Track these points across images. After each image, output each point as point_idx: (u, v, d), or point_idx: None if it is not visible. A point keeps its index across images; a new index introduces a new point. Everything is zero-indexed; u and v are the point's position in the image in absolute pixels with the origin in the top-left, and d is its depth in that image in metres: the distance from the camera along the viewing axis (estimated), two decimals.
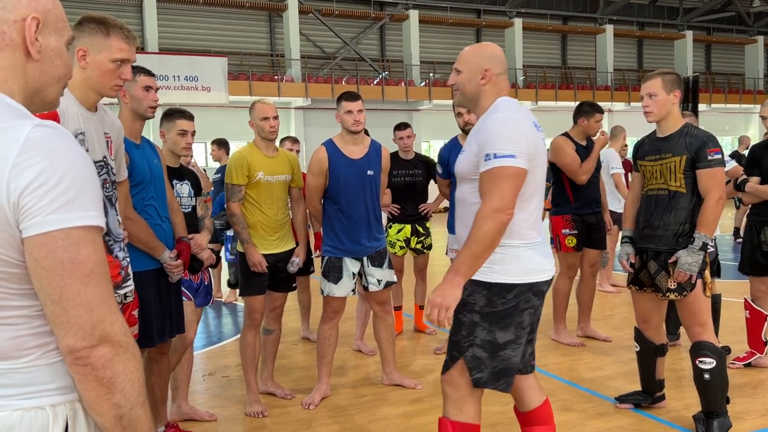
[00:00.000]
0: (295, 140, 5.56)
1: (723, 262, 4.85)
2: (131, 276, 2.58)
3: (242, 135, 3.80)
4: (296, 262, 3.83)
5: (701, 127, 3.38)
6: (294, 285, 4.00)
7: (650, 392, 3.65)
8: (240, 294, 3.85)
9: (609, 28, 27.44)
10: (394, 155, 5.06)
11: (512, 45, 26.11)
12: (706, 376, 3.22)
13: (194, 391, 4.14)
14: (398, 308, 5.43)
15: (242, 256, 3.71)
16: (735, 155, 10.13)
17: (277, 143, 4.19)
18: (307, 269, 4.71)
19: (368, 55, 24.88)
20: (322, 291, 3.89)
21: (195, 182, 3.60)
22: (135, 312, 2.64)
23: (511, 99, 2.39)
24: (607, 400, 3.80)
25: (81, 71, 2.32)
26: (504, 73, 2.42)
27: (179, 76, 19.18)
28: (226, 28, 23.08)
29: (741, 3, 28.37)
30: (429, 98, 23.20)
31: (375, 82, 23.42)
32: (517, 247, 2.29)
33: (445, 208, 5.01)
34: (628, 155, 7.13)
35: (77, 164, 1.04)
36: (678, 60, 28.88)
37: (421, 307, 5.55)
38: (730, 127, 26.87)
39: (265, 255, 3.69)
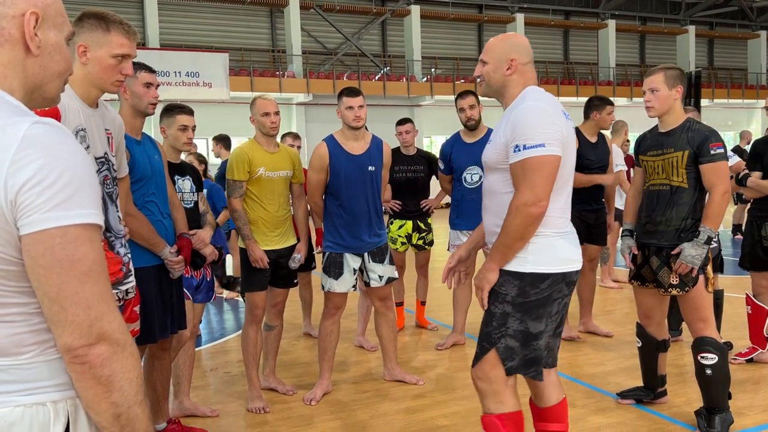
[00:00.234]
0: (296, 136, 5.55)
1: (724, 258, 4.83)
2: (132, 272, 2.58)
3: (243, 131, 3.80)
4: (297, 258, 3.83)
5: (704, 123, 3.37)
6: (295, 281, 4.00)
7: (652, 388, 3.65)
8: (241, 290, 3.86)
9: (611, 23, 27.37)
10: (396, 151, 5.05)
11: None
12: (708, 372, 3.22)
13: (196, 387, 4.15)
14: (400, 304, 5.43)
15: (243, 252, 3.71)
16: (737, 150, 10.10)
17: (278, 139, 4.18)
18: (309, 265, 4.71)
19: (370, 51, 24.84)
20: (323, 287, 3.89)
21: (196, 177, 3.60)
22: (136, 308, 2.64)
23: (539, 88, 2.36)
24: (609, 396, 3.80)
25: (82, 67, 2.31)
26: (530, 63, 2.39)
27: (180, 72, 19.17)
28: (228, 24, 23.04)
29: None
30: (431, 94, 23.16)
31: (376, 78, 23.37)
32: (551, 237, 2.28)
33: (447, 204, 5.00)
34: (630, 150, 7.12)
35: (75, 162, 1.03)
36: (680, 55, 28.80)
37: (423, 303, 5.56)
38: (733, 122, 26.80)
39: (267, 251, 3.69)
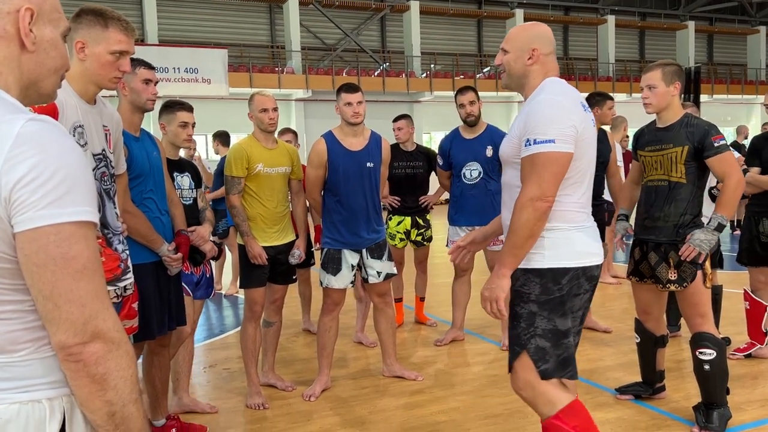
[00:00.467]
0: (294, 133, 5.53)
1: (723, 253, 4.83)
2: (131, 268, 2.58)
3: (243, 127, 3.80)
4: (297, 254, 3.83)
5: (702, 118, 3.37)
6: (294, 277, 4.00)
7: (650, 383, 3.66)
8: (240, 286, 3.86)
9: (611, 19, 27.33)
10: (395, 147, 5.04)
11: None
12: (706, 367, 3.22)
13: (195, 384, 4.16)
14: (399, 300, 5.44)
15: (242, 249, 3.71)
16: (734, 146, 10.10)
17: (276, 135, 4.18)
18: (308, 262, 4.71)
19: (369, 47, 24.80)
20: (321, 283, 3.89)
21: (195, 174, 3.60)
22: (135, 305, 2.64)
23: (558, 79, 2.31)
24: (607, 391, 3.81)
25: (80, 63, 2.31)
26: (552, 53, 2.34)
27: (179, 68, 19.14)
28: (227, 20, 23.00)
29: None
30: (430, 90, 23.13)
31: (376, 74, 23.35)
32: (567, 230, 2.24)
33: (446, 200, 5.00)
34: (629, 146, 7.12)
35: (70, 159, 1.03)
36: (680, 50, 28.76)
37: (422, 299, 5.56)
38: (732, 118, 26.78)
39: (265, 247, 3.69)
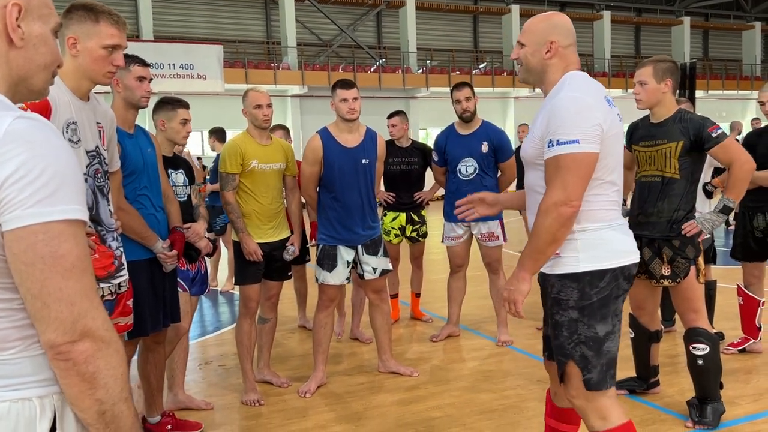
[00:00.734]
0: (286, 129, 5.51)
1: (716, 248, 4.85)
2: (125, 265, 2.58)
3: (238, 123, 3.81)
4: (292, 250, 3.83)
5: (697, 113, 3.38)
6: (289, 274, 4.00)
7: (645, 378, 3.67)
8: (235, 283, 3.86)
9: (606, 15, 27.32)
10: (390, 143, 5.04)
11: (509, 32, 25.98)
12: (700, 362, 3.24)
13: (191, 380, 4.16)
14: (395, 296, 5.44)
15: (237, 245, 3.71)
16: None
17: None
18: (303, 258, 4.71)
19: (365, 42, 24.76)
20: (317, 279, 3.89)
21: (189, 171, 3.59)
22: (129, 302, 2.63)
23: (579, 73, 2.20)
24: None
25: (72, 59, 2.30)
26: (572, 45, 2.21)
27: (174, 64, 19.08)
28: (222, 16, 22.92)
29: None
30: (426, 86, 23.11)
31: (372, 70, 23.32)
32: (600, 230, 2.13)
33: (442, 196, 5.00)
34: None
35: (59, 157, 1.02)
36: (675, 46, 28.79)
37: (418, 295, 5.57)
38: (728, 113, 26.84)
39: (260, 244, 3.69)
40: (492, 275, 4.82)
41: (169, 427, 3.30)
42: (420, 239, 5.33)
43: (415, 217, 5.27)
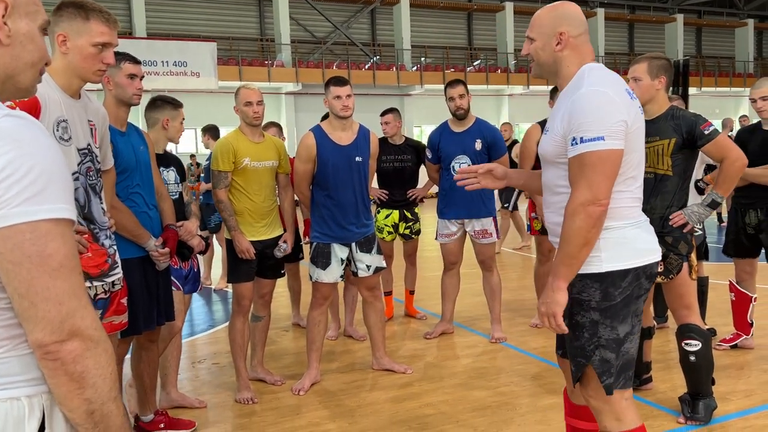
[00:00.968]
0: (279, 127, 5.51)
1: (709, 245, 4.87)
2: (119, 264, 2.57)
3: (232, 121, 3.80)
4: (284, 248, 3.82)
5: (690, 111, 3.39)
6: (282, 272, 4.00)
7: (637, 374, 3.68)
8: (228, 281, 3.85)
9: (600, 12, 27.37)
10: (383, 140, 5.04)
11: (503, 29, 26.01)
12: (692, 358, 3.25)
13: (184, 379, 4.15)
14: (388, 293, 5.44)
15: (230, 243, 3.70)
16: None
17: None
18: (297, 256, 4.70)
19: (359, 40, 24.74)
20: (311, 277, 3.89)
21: (180, 169, 3.58)
22: (124, 300, 2.62)
23: (597, 65, 2.10)
24: None
25: (62, 57, 2.29)
26: (584, 33, 2.11)
27: (168, 62, 19.02)
28: (215, 13, 22.85)
29: None
30: (420, 83, 23.11)
31: (366, 67, 23.29)
32: (623, 228, 2.06)
33: (436, 194, 5.00)
34: None
35: (46, 155, 1.01)
36: (669, 43, 28.87)
37: (412, 293, 5.57)
38: (721, 110, 26.95)
39: (253, 242, 3.68)
40: (485, 272, 4.83)
41: (162, 426, 3.29)
42: (413, 236, 5.33)
43: (409, 215, 5.27)
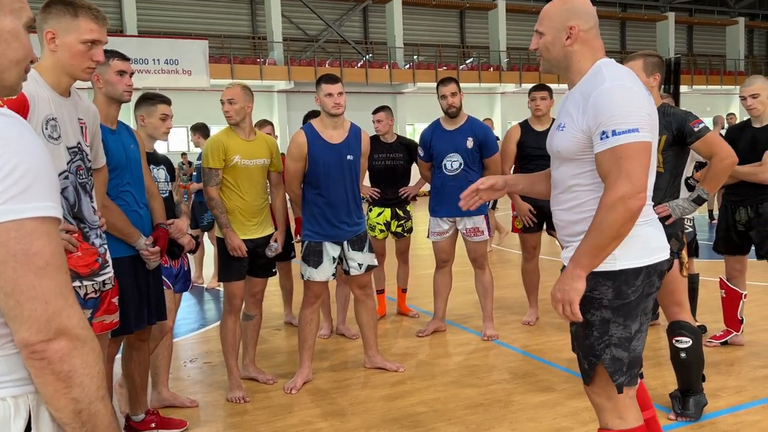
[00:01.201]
0: (263, 123, 5.49)
1: (699, 242, 4.90)
2: (110, 263, 2.55)
3: (223, 119, 3.80)
4: (275, 247, 3.81)
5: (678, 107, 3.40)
6: (274, 270, 3.98)
7: None
8: (219, 279, 3.84)
9: None
10: (375, 139, 5.03)
11: (496, 27, 26.04)
12: (683, 355, 3.27)
13: (176, 378, 4.14)
14: (381, 291, 5.44)
15: (221, 241, 3.69)
16: None
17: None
18: (288, 254, 4.69)
19: (351, 38, 24.71)
20: (303, 275, 3.89)
21: (170, 167, 3.57)
22: (115, 299, 2.61)
23: (613, 62, 2.07)
24: None
25: (51, 54, 2.27)
26: (594, 27, 2.07)
27: (159, 60, 18.94)
28: (207, 11, 22.77)
29: None
30: (413, 81, 23.12)
31: (359, 65, 23.27)
32: (637, 226, 2.01)
33: (429, 191, 5.00)
34: None
35: (32, 154, 1.01)
36: (660, 42, 28.99)
37: (404, 291, 5.57)
38: (712, 108, 27.09)
39: (244, 240, 3.67)
40: (477, 270, 4.84)
41: (154, 425, 3.28)
42: (405, 234, 5.33)
43: (401, 213, 5.28)
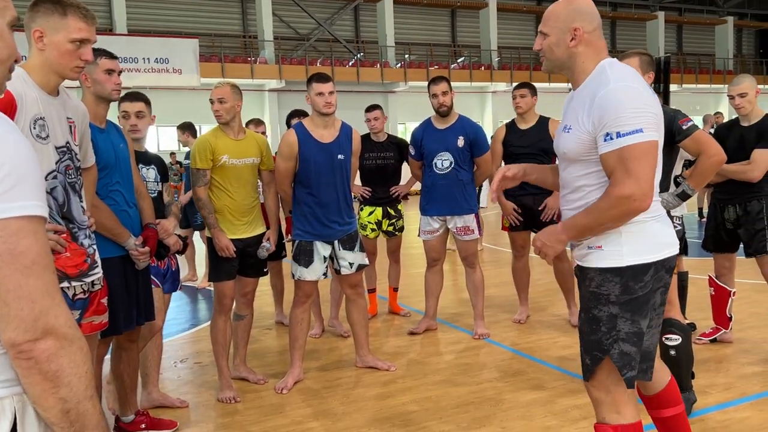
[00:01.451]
0: (259, 122, 5.49)
1: (688, 240, 4.92)
2: (99, 263, 2.54)
3: (214, 118, 3.79)
4: (267, 247, 3.79)
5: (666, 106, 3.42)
6: (265, 270, 3.97)
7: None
8: (209, 279, 3.82)
9: None
10: (366, 138, 5.03)
11: (487, 26, 26.09)
12: (672, 353, 3.29)
13: (166, 378, 4.12)
14: (372, 290, 5.44)
15: (211, 242, 3.68)
16: None
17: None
18: (279, 254, 4.68)
19: (343, 37, 24.68)
20: (293, 275, 3.88)
21: (161, 167, 3.55)
22: (104, 300, 2.59)
23: (618, 62, 2.10)
24: (578, 378, 3.86)
25: (39, 53, 2.25)
26: (598, 28, 2.10)
27: (149, 59, 18.84)
28: (198, 9, 22.68)
29: None
30: (404, 80, 23.12)
31: (350, 64, 23.25)
32: (644, 222, 2.05)
33: (420, 190, 5.00)
34: None
35: (17, 152, 1.00)
36: (650, 40, 29.14)
37: (395, 290, 5.57)
38: (701, 107, 27.26)
39: (234, 240, 3.66)
40: (468, 269, 4.84)
41: (143, 426, 3.27)
42: (396, 233, 5.34)
43: (392, 212, 5.28)
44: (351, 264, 3.95)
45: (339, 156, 3.84)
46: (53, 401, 1.03)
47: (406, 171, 5.07)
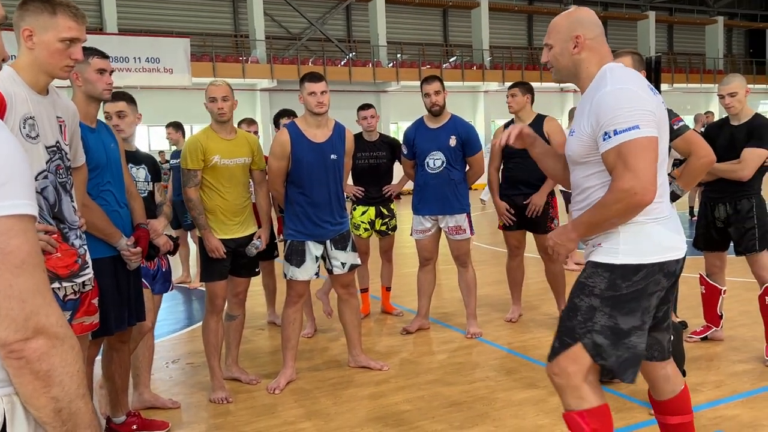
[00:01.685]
0: (252, 121, 5.46)
1: None
2: (90, 264, 2.52)
3: (205, 118, 3.74)
4: (257, 245, 3.78)
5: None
6: (257, 270, 3.96)
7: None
8: (201, 280, 3.81)
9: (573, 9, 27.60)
10: (358, 137, 5.03)
11: (478, 26, 26.13)
12: None
13: (158, 379, 4.10)
14: (365, 290, 5.44)
15: (202, 242, 3.67)
16: None
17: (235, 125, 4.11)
18: (271, 254, 4.67)
19: (335, 36, 24.65)
20: (285, 275, 3.87)
21: (153, 167, 3.53)
22: (95, 301, 2.58)
23: (617, 65, 2.16)
24: None
25: (28, 52, 2.24)
26: (599, 36, 2.18)
27: (140, 58, 18.75)
28: (189, 8, 22.58)
29: None
30: (396, 79, 23.12)
31: (342, 64, 23.22)
32: (644, 224, 2.09)
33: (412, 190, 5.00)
34: None
35: (6, 151, 1.00)
36: (641, 40, 29.27)
37: (388, 289, 5.57)
38: (692, 107, 27.41)
39: (226, 240, 3.65)
40: (461, 268, 4.85)
41: (135, 427, 3.25)
42: (389, 233, 5.33)
43: (385, 211, 5.28)
44: (343, 264, 3.94)
45: (332, 156, 3.83)
46: (45, 401, 1.02)
47: (398, 170, 5.07)
